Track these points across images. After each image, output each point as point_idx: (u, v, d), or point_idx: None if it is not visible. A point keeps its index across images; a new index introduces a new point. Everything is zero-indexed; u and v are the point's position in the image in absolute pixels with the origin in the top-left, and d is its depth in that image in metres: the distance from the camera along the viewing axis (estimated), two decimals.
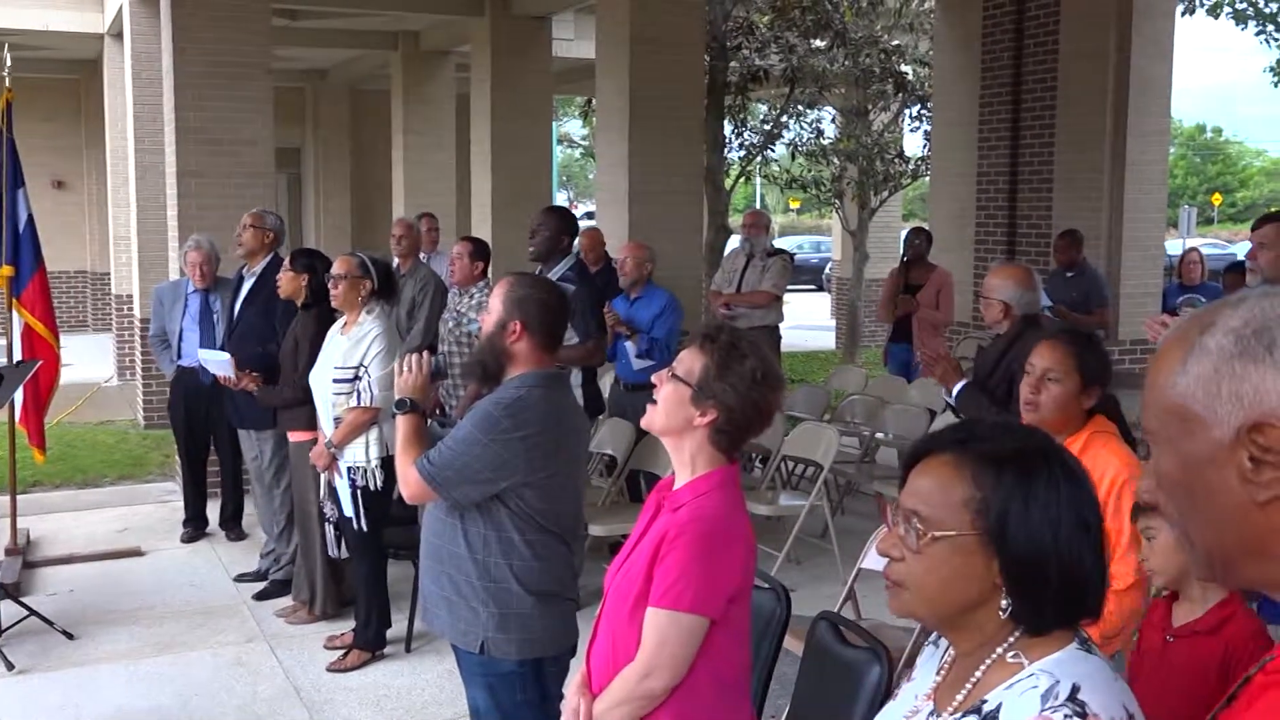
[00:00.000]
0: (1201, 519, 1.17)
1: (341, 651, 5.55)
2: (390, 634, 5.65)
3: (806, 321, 20.71)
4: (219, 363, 6.32)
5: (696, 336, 2.61)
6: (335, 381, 5.30)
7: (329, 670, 5.43)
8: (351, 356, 5.29)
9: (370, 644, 5.53)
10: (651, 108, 9.43)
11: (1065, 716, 1.49)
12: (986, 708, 1.57)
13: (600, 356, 6.44)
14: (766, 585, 3.40)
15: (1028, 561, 1.58)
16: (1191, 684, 2.63)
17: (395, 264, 7.69)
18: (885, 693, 2.91)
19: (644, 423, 2.63)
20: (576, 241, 6.73)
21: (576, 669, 2.74)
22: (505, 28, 12.34)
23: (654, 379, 2.63)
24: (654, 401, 2.59)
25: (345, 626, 5.76)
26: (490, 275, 6.52)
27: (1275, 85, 15.09)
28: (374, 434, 5.30)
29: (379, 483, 5.33)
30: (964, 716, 1.59)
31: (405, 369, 3.58)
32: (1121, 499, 3.15)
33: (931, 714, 1.66)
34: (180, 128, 8.32)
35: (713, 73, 12.73)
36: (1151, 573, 2.82)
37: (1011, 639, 1.61)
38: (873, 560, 4.49)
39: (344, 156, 19.52)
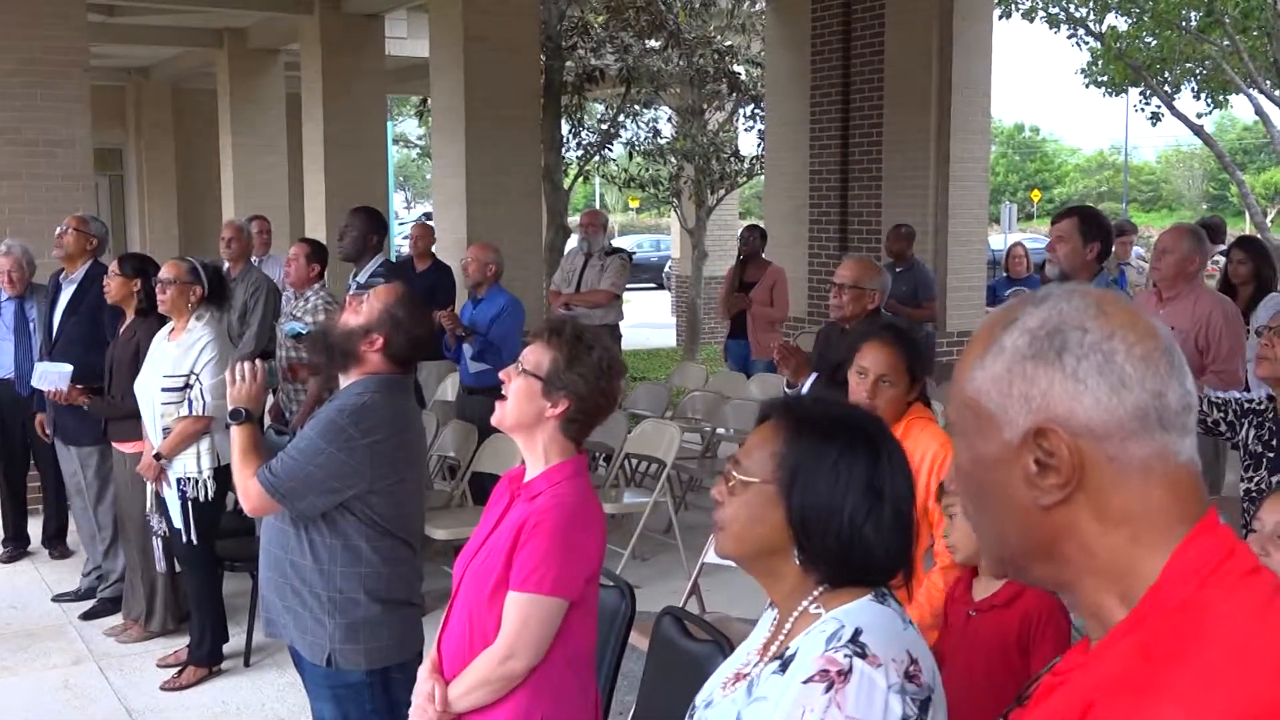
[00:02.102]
0: (990, 516, 1.19)
1: (176, 669, 5.37)
2: (228, 648, 5.49)
3: (647, 319, 20.86)
4: (58, 375, 6.00)
5: (542, 332, 2.71)
6: (164, 390, 5.12)
7: (163, 689, 5.24)
8: (181, 364, 5.12)
9: (206, 660, 5.36)
10: (487, 108, 9.38)
11: (845, 655, 1.67)
12: (788, 653, 1.75)
13: None
14: (611, 583, 3.41)
15: (810, 516, 1.77)
16: (993, 658, 2.75)
17: (226, 268, 7.48)
18: None
19: (495, 420, 2.70)
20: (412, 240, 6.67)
21: (426, 657, 2.78)
22: (335, 25, 12.10)
23: (502, 375, 2.72)
24: (503, 398, 2.67)
25: (180, 643, 5.57)
26: (327, 278, 6.41)
27: (1086, 86, 15.79)
28: (205, 444, 5.13)
29: (210, 494, 5.17)
30: (771, 662, 1.78)
31: (239, 378, 3.49)
32: (942, 477, 3.27)
33: (755, 665, 1.84)
34: None
35: (549, 72, 12.72)
36: (952, 549, 2.94)
37: (815, 593, 1.80)
38: (716, 554, 4.54)
39: (169, 158, 18.85)
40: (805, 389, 4.86)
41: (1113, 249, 5.13)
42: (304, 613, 3.27)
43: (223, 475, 5.06)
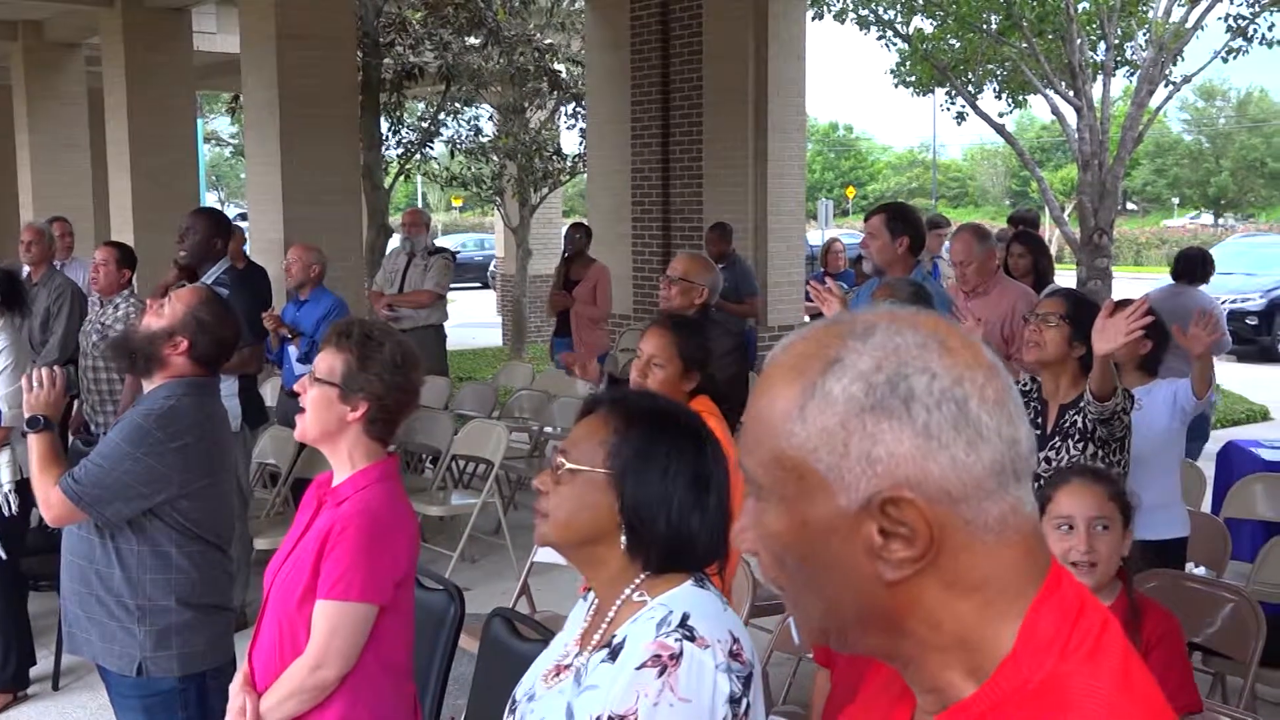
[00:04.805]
0: (816, 590, 1.02)
1: None
2: (35, 672, 5.23)
3: (473, 319, 20.71)
4: None
5: (330, 337, 2.69)
6: None
7: None
8: None
9: (10, 684, 5.10)
10: (302, 105, 9.15)
11: (676, 640, 1.74)
12: (615, 641, 1.81)
13: (256, 363, 6.20)
14: (440, 586, 3.38)
15: (642, 505, 1.84)
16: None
17: (26, 273, 7.13)
18: None
19: (298, 435, 2.70)
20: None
21: (237, 672, 2.74)
22: (139, 19, 11.64)
23: (296, 388, 2.69)
24: (303, 410, 2.66)
25: None
26: (135, 284, 6.16)
27: (895, 86, 16.29)
28: (4, 456, 4.88)
29: (12, 509, 4.91)
30: (598, 652, 1.83)
31: (36, 384, 3.37)
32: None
33: (576, 655, 1.89)
34: None
35: (366, 69, 12.48)
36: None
37: (638, 580, 1.86)
38: (545, 553, 4.53)
39: None
40: (603, 386, 4.92)
41: (925, 241, 5.36)
42: (111, 623, 3.17)
43: (25, 489, 4.81)
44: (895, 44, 15.13)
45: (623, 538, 1.85)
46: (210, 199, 44.68)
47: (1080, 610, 1.00)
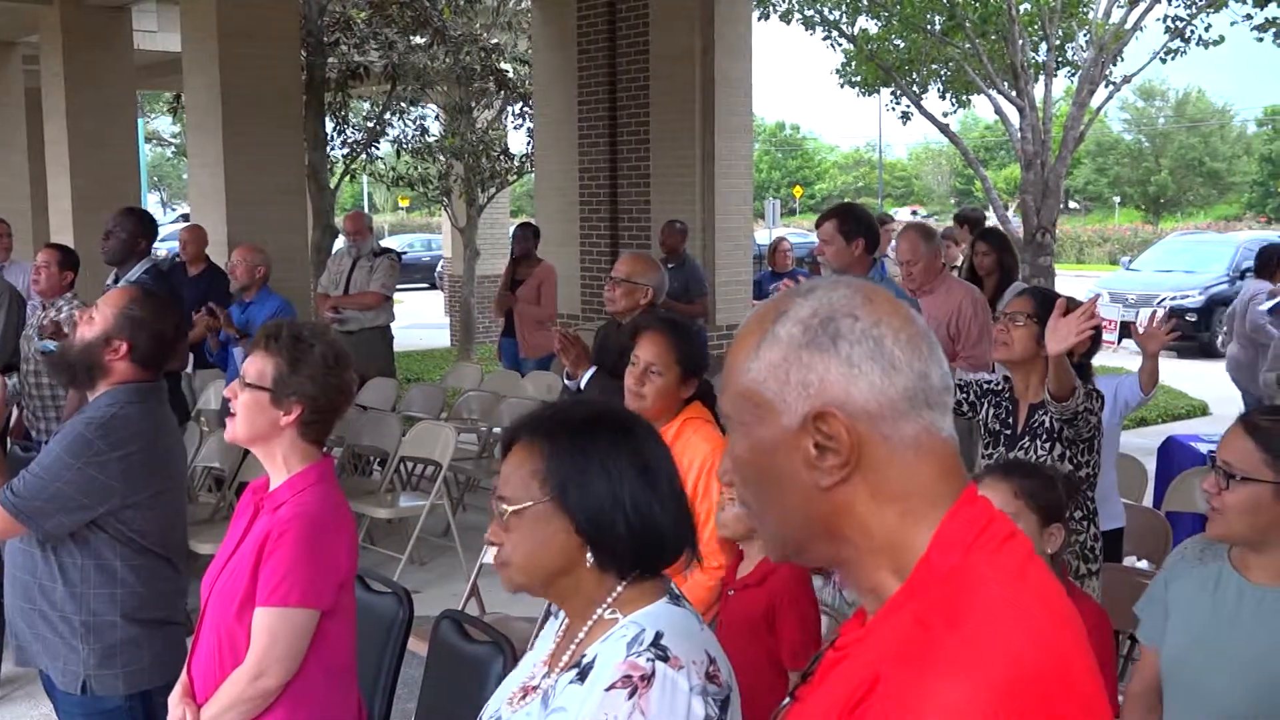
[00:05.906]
0: (772, 502, 1.22)
1: None
2: None
3: (420, 320, 20.59)
4: None
5: (259, 340, 2.63)
6: None
7: None
8: None
9: None
10: (246, 104, 9.06)
11: (648, 660, 1.66)
12: (585, 661, 1.73)
13: (180, 361, 6.16)
14: (388, 589, 3.35)
15: (596, 515, 1.75)
16: (746, 633, 2.85)
17: None
18: None
19: (228, 436, 2.64)
20: (175, 246, 6.38)
21: (177, 683, 2.69)
22: (78, 17, 11.47)
23: (226, 392, 2.64)
24: (233, 414, 2.60)
25: None
26: (77, 286, 6.08)
27: (841, 86, 16.38)
28: None
29: None
30: (567, 672, 1.75)
31: None
32: (710, 481, 3.29)
33: (545, 676, 1.81)
34: None
35: (310, 69, 12.37)
36: (722, 525, 3.01)
37: (610, 598, 1.77)
38: (508, 590, 4.51)
39: None
40: (584, 382, 4.85)
41: (879, 240, 5.30)
42: (55, 639, 3.07)
43: None
44: (841, 44, 15.22)
45: (589, 555, 1.76)
46: (152, 200, 44.15)
47: (989, 521, 1.18)
